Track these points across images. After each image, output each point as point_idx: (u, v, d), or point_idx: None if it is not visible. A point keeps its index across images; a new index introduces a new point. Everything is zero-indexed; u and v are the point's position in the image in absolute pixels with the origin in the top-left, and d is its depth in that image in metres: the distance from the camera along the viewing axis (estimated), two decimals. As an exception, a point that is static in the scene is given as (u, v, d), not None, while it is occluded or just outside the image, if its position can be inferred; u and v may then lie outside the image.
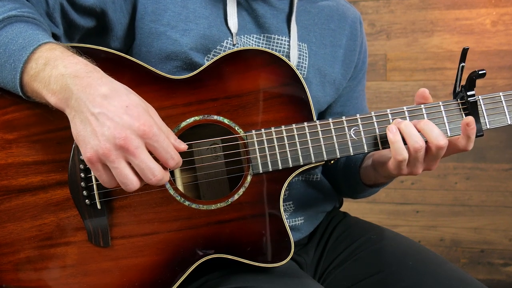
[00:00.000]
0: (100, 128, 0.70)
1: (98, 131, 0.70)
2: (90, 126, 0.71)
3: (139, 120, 0.71)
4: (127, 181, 0.73)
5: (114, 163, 0.71)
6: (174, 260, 0.85)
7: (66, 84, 0.73)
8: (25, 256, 0.83)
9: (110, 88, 0.73)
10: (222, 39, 0.96)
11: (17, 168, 0.84)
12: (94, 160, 0.71)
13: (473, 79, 0.88)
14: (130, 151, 0.70)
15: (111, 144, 0.70)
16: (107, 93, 0.72)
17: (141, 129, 0.71)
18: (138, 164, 0.72)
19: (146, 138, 0.72)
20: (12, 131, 0.83)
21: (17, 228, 0.83)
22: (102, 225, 0.84)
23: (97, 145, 0.70)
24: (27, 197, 0.84)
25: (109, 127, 0.70)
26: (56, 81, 0.73)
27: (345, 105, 1.16)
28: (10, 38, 0.77)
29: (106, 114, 0.71)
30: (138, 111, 0.72)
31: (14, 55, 0.76)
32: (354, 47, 1.12)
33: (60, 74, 0.73)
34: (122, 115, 0.71)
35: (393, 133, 0.86)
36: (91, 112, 0.71)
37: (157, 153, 0.74)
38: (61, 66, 0.74)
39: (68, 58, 0.75)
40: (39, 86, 0.75)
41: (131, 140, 0.70)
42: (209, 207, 0.87)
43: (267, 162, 0.88)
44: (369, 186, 1.08)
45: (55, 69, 0.74)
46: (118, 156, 0.71)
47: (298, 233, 1.08)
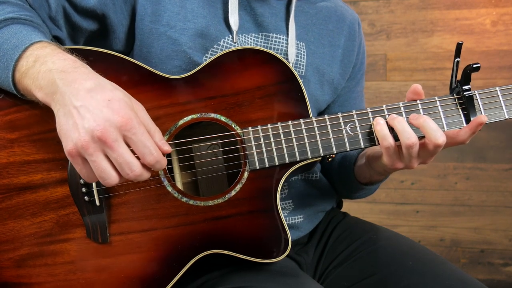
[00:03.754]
0: (81, 120, 0.70)
1: (79, 124, 0.70)
2: (72, 119, 0.71)
3: (118, 113, 0.71)
4: (105, 175, 0.72)
5: (92, 156, 0.71)
6: (172, 256, 0.86)
7: (53, 78, 0.73)
8: (25, 252, 0.84)
9: (95, 83, 0.73)
10: (219, 37, 0.97)
11: (18, 166, 0.85)
12: (73, 153, 0.71)
13: (468, 73, 0.88)
14: (108, 144, 0.70)
15: (89, 137, 0.70)
16: (92, 87, 0.72)
17: (119, 121, 0.70)
18: (116, 157, 0.71)
19: (124, 131, 0.71)
20: (14, 130, 0.85)
21: (18, 225, 0.84)
22: (101, 221, 0.85)
23: (76, 137, 0.70)
24: (28, 195, 0.85)
25: (88, 120, 0.70)
26: (44, 76, 0.74)
27: (343, 105, 1.16)
28: (5, 39, 0.78)
29: (87, 107, 0.70)
30: (120, 105, 0.72)
31: (7, 54, 0.77)
32: (353, 48, 1.13)
33: (48, 70, 0.74)
34: (102, 108, 0.71)
35: (377, 122, 0.88)
36: (73, 105, 0.71)
37: (134, 147, 0.73)
38: (49, 62, 0.75)
39: (57, 55, 0.76)
40: (29, 83, 0.76)
41: (109, 132, 0.70)
42: (207, 203, 0.88)
43: (263, 158, 0.89)
44: (364, 184, 1.08)
45: (44, 65, 0.75)
46: (96, 149, 0.70)
47: (297, 232, 1.09)
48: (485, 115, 0.87)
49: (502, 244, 2.37)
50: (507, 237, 2.37)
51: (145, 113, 0.77)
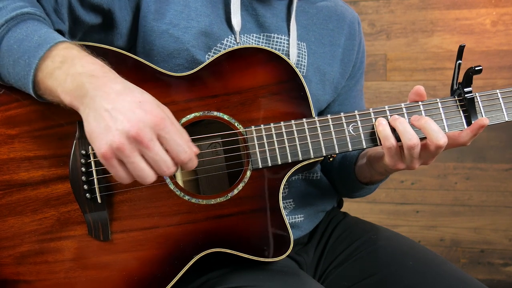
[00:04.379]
0: (114, 123, 0.70)
1: (112, 126, 0.70)
2: (104, 122, 0.70)
3: (151, 113, 0.71)
4: (143, 174, 0.72)
5: (130, 158, 0.70)
6: (173, 254, 0.86)
7: (82, 82, 0.73)
8: (26, 249, 0.83)
9: (124, 86, 0.73)
10: (222, 37, 0.97)
11: (18, 162, 0.84)
12: (108, 155, 0.70)
13: (470, 76, 0.89)
14: (144, 144, 0.70)
15: (125, 138, 0.69)
16: (121, 90, 0.73)
17: (153, 121, 0.71)
18: (153, 156, 0.71)
19: (158, 130, 0.71)
20: (14, 126, 0.84)
21: (18, 222, 0.84)
22: (102, 219, 0.84)
23: (111, 140, 0.70)
24: (28, 191, 0.84)
25: (122, 121, 0.70)
26: (73, 79, 0.73)
27: (343, 104, 1.17)
28: (24, 35, 0.77)
29: (119, 109, 0.70)
30: (151, 106, 0.72)
31: (29, 52, 0.75)
32: (352, 47, 1.13)
33: (78, 73, 0.73)
34: (135, 109, 0.71)
35: (380, 123, 0.88)
36: (104, 108, 0.71)
37: (169, 146, 0.73)
38: (78, 65, 0.74)
39: (85, 58, 0.76)
40: (54, 84, 0.75)
41: (144, 132, 0.70)
42: (209, 202, 0.87)
43: (266, 157, 0.88)
44: (365, 184, 1.09)
45: (73, 68, 0.74)
46: (133, 150, 0.70)
47: (298, 231, 1.08)
48: (486, 118, 0.88)
49: (502, 244, 2.37)
50: (507, 237, 2.37)
51: (172, 114, 0.77)
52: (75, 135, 0.84)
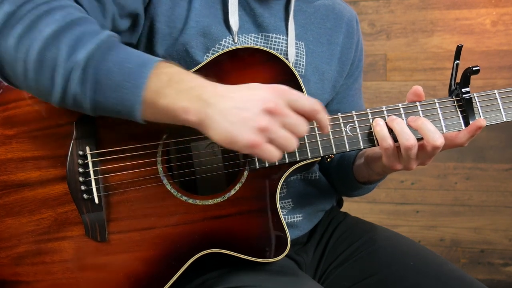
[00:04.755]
0: (247, 112, 0.71)
1: (248, 115, 0.71)
2: (237, 117, 0.71)
3: (269, 88, 0.74)
4: (290, 142, 0.73)
5: (277, 132, 0.72)
6: (170, 255, 0.86)
7: (198, 94, 0.72)
8: (23, 250, 0.84)
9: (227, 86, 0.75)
10: (220, 37, 0.97)
11: (16, 163, 0.84)
12: (258, 141, 0.71)
13: (468, 76, 0.89)
14: (283, 113, 0.72)
15: (266, 116, 0.71)
16: (229, 89, 0.74)
17: (278, 92, 0.73)
18: (292, 121, 0.73)
19: (284, 96, 0.74)
20: (12, 127, 0.84)
21: (15, 222, 0.84)
22: (100, 219, 0.84)
23: (255, 125, 0.70)
24: (26, 192, 0.84)
25: (253, 106, 0.71)
26: (187, 94, 0.72)
27: (341, 102, 1.17)
28: (122, 57, 0.74)
29: (243, 101, 0.72)
30: (261, 85, 0.75)
31: (134, 73, 0.73)
32: (351, 45, 1.13)
33: (189, 87, 0.73)
34: (254, 93, 0.73)
35: (377, 123, 0.88)
36: (229, 107, 0.71)
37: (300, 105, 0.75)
38: (185, 81, 0.74)
39: (188, 73, 0.76)
40: (167, 102, 0.72)
41: (278, 103, 0.72)
42: (206, 202, 0.87)
43: (263, 158, 0.88)
44: (363, 183, 1.09)
45: (182, 84, 0.73)
46: (276, 123, 0.72)
47: (296, 231, 1.08)
48: (484, 119, 0.88)
49: (502, 244, 2.37)
50: (507, 237, 2.37)
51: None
52: (73, 136, 0.84)
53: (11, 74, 0.75)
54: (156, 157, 0.87)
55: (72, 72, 0.72)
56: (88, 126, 0.85)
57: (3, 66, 0.75)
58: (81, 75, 0.72)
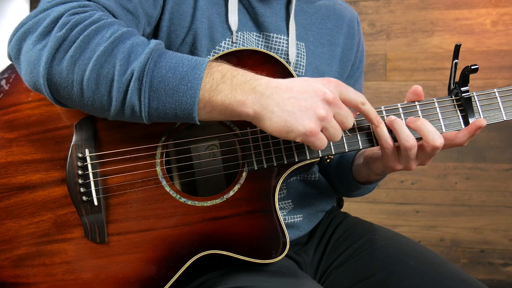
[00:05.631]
0: (304, 101, 0.74)
1: (305, 104, 0.74)
2: (296, 106, 0.74)
3: (323, 79, 0.77)
4: (339, 132, 0.77)
5: (331, 122, 0.76)
6: (169, 256, 0.86)
7: (253, 87, 0.75)
8: (23, 252, 0.84)
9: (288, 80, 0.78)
10: (221, 39, 0.97)
11: (16, 166, 0.85)
12: (316, 129, 0.74)
13: (466, 75, 0.88)
14: (337, 104, 0.76)
15: (324, 104, 0.74)
16: (282, 81, 0.77)
17: (333, 84, 0.77)
18: (344, 113, 0.77)
19: (338, 87, 0.77)
20: (12, 130, 0.85)
21: (15, 225, 0.84)
22: (99, 221, 0.85)
23: (316, 114, 0.74)
24: (26, 194, 0.85)
25: (312, 96, 0.74)
26: (242, 88, 0.75)
27: None
28: (174, 62, 0.75)
29: (300, 91, 0.75)
30: (318, 78, 0.78)
31: (188, 75, 0.74)
32: (351, 46, 1.13)
33: (243, 82, 0.75)
34: (312, 84, 0.76)
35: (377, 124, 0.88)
36: (286, 97, 0.74)
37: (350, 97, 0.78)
38: (238, 75, 0.76)
39: (237, 69, 0.77)
40: (223, 98, 0.75)
41: (332, 94, 0.75)
42: (204, 204, 0.88)
43: (262, 159, 0.88)
44: (362, 183, 1.09)
45: (235, 79, 0.75)
46: (330, 113, 0.75)
47: (297, 231, 1.08)
48: (483, 119, 0.87)
49: (502, 244, 2.37)
50: (507, 237, 2.37)
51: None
52: (72, 139, 0.85)
53: (67, 96, 0.76)
54: (155, 159, 0.87)
55: (128, 84, 0.73)
56: (88, 129, 0.86)
57: (58, 89, 0.76)
58: (137, 85, 0.73)
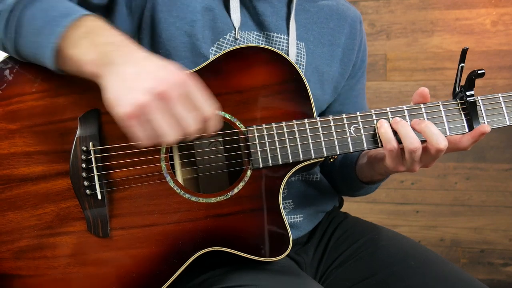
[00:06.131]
0: (138, 83, 0.71)
1: (136, 86, 0.71)
2: (127, 83, 0.71)
3: (175, 73, 0.73)
4: (167, 131, 0.72)
5: (154, 114, 0.71)
6: (172, 252, 0.86)
7: (108, 51, 0.74)
8: (24, 244, 0.83)
9: (148, 54, 0.75)
10: (225, 31, 0.97)
11: (19, 157, 0.84)
12: (133, 114, 0.70)
13: (473, 79, 0.89)
14: (170, 100, 0.71)
15: (150, 95, 0.70)
16: (146, 56, 0.74)
17: (177, 79, 0.72)
18: (178, 113, 0.72)
19: (183, 87, 0.72)
20: (15, 121, 0.84)
21: (17, 217, 0.84)
22: (102, 215, 0.84)
23: (135, 98, 0.70)
24: (28, 186, 0.84)
25: (146, 80, 0.71)
26: (97, 48, 0.74)
27: (344, 103, 1.16)
28: (50, 5, 0.77)
29: (144, 71, 0.72)
30: (175, 68, 0.74)
31: (55, 21, 0.76)
32: (353, 46, 1.12)
33: (102, 43, 0.74)
34: (159, 70, 0.72)
35: (382, 125, 0.88)
36: (129, 72, 0.72)
37: (194, 102, 0.74)
38: (104, 35, 0.75)
39: (110, 30, 0.77)
40: (77, 53, 0.75)
41: (169, 89, 0.71)
42: (209, 200, 0.87)
43: (267, 157, 0.88)
44: (365, 183, 1.09)
45: (98, 38, 0.75)
46: (158, 107, 0.71)
47: (297, 231, 1.08)
48: (487, 125, 0.88)
49: (502, 244, 2.37)
50: (507, 237, 2.37)
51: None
52: (76, 131, 0.84)
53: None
54: (159, 154, 0.87)
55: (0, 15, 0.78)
56: (92, 122, 0.85)
57: None
58: (7, 17, 0.77)
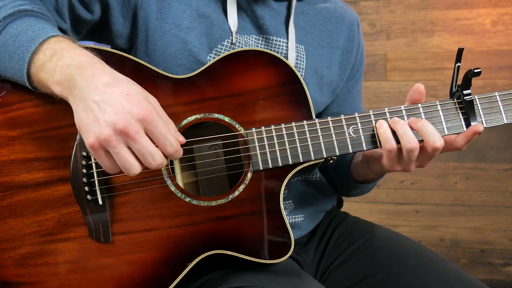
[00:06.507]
0: (102, 114, 0.72)
1: (100, 118, 0.72)
2: (92, 114, 0.72)
3: (138, 106, 0.73)
4: (128, 165, 0.74)
5: (116, 149, 0.72)
6: (174, 256, 0.86)
7: (71, 74, 0.74)
8: (26, 251, 0.83)
9: (112, 78, 0.75)
10: (223, 37, 0.97)
11: (19, 164, 0.84)
12: (96, 146, 0.73)
13: (469, 78, 0.89)
14: (131, 136, 0.72)
15: (112, 130, 0.71)
16: (109, 81, 0.74)
17: (140, 114, 0.72)
18: (139, 148, 0.73)
19: (145, 123, 0.73)
20: (15, 128, 0.84)
21: (18, 223, 0.84)
22: (103, 220, 0.84)
23: (98, 131, 0.72)
24: (29, 193, 0.84)
25: (109, 113, 0.71)
26: (62, 71, 0.75)
27: (342, 105, 1.17)
28: (20, 30, 0.79)
29: (107, 101, 0.72)
30: (138, 99, 0.74)
31: (23, 46, 0.78)
32: (351, 49, 1.13)
33: (66, 65, 0.75)
34: (122, 101, 0.72)
35: (381, 125, 0.89)
36: (93, 99, 0.72)
37: (156, 139, 0.75)
38: (67, 57, 0.76)
39: (74, 50, 0.77)
40: (45, 76, 0.77)
41: (131, 125, 0.72)
42: (210, 204, 0.87)
43: (267, 159, 0.88)
44: (360, 182, 1.10)
45: (61, 60, 0.76)
46: (119, 142, 0.72)
47: (298, 231, 1.09)
48: (480, 124, 0.88)
49: (502, 244, 2.37)
50: (507, 237, 2.37)
51: (160, 106, 0.79)
52: (76, 137, 0.84)
53: None
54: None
55: None
56: None
57: None
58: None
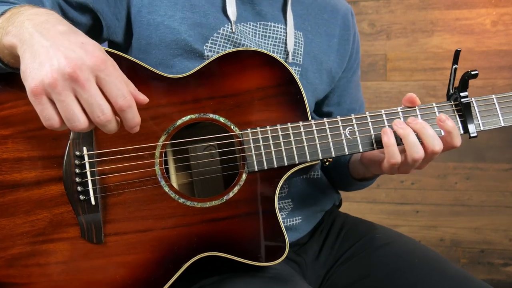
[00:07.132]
0: (50, 59, 0.65)
1: (47, 62, 0.65)
2: (39, 58, 0.66)
3: (93, 54, 0.66)
4: (73, 116, 0.66)
5: (61, 95, 0.64)
6: (167, 258, 0.85)
7: (22, 21, 0.70)
8: (17, 252, 0.82)
9: (69, 28, 0.70)
10: (218, 26, 0.96)
11: (11, 163, 0.83)
12: (38, 91, 0.65)
13: (466, 80, 0.89)
14: (80, 82, 0.64)
15: (59, 74, 0.64)
16: (65, 30, 0.69)
17: (93, 62, 0.65)
18: (87, 98, 0.65)
19: (98, 71, 0.66)
20: (8, 126, 0.83)
21: (10, 223, 0.83)
22: (96, 221, 0.84)
23: (43, 75, 0.64)
24: (21, 192, 0.83)
25: (58, 58, 0.65)
26: (14, 21, 0.71)
27: (342, 95, 1.18)
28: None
29: (59, 47, 0.66)
30: (94, 48, 0.67)
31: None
32: (348, 37, 1.14)
33: (21, 20, 0.70)
34: (76, 48, 0.66)
35: (388, 136, 0.86)
36: (42, 44, 0.66)
37: (107, 88, 0.67)
38: (24, 12, 0.72)
39: (34, 7, 0.74)
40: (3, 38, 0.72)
41: (81, 70, 0.64)
42: (204, 205, 0.87)
43: (262, 160, 0.88)
44: (358, 180, 1.10)
45: (17, 15, 0.72)
46: (66, 87, 0.65)
47: (296, 233, 1.08)
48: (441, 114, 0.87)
49: (502, 244, 2.37)
50: (507, 237, 2.37)
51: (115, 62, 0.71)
52: (70, 136, 0.83)
53: None
54: (154, 158, 0.86)
55: None
56: None
57: None
58: None
